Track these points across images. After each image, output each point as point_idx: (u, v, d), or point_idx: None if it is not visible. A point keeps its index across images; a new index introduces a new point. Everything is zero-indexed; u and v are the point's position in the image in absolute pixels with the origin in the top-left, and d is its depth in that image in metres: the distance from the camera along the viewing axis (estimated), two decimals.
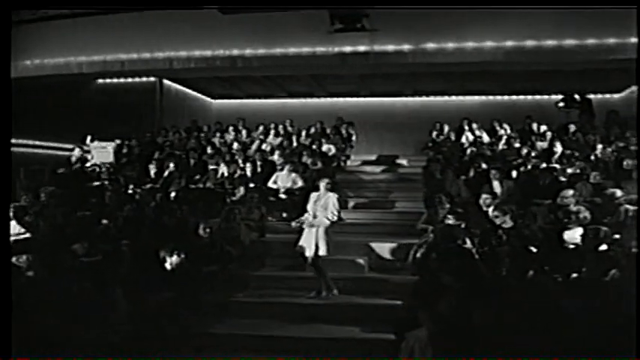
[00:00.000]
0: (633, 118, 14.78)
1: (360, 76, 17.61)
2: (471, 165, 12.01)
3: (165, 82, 18.19)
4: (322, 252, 8.27)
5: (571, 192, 8.74)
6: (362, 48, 12.72)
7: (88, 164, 12.68)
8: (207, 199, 11.12)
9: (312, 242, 8.28)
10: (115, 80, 17.61)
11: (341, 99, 20.16)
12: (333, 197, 8.43)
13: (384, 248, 9.70)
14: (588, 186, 9.82)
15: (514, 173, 11.51)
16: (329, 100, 20.32)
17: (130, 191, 11.54)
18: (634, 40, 11.46)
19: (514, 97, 19.54)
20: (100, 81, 17.73)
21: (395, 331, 6.29)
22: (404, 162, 16.23)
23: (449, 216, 8.33)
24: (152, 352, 6.28)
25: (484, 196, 9.12)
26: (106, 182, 11.77)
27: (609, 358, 4.84)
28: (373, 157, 16.98)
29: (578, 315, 5.48)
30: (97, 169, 12.32)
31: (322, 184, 8.52)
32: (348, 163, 16.01)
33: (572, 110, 16.69)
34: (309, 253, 8.30)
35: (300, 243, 8.44)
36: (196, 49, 13.16)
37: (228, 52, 13.06)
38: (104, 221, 9.30)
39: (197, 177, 12.73)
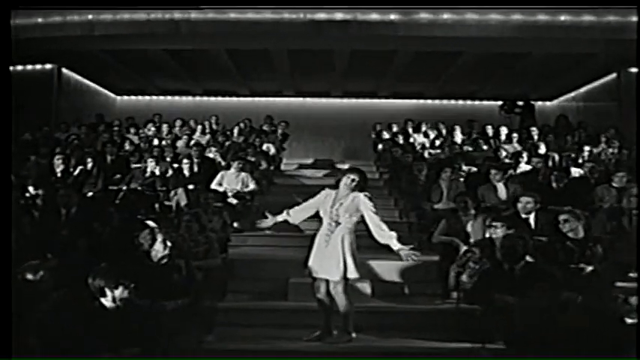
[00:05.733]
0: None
1: (289, 73, 15.06)
2: (451, 166, 9.75)
3: (65, 71, 14.60)
4: (353, 274, 5.34)
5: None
6: (340, 15, 9.68)
7: None
8: (139, 204, 8.07)
9: (337, 260, 5.28)
10: None
11: (263, 99, 17.44)
12: (364, 199, 5.36)
13: (386, 267, 7.03)
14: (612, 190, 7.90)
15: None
16: (249, 99, 17.55)
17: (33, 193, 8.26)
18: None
19: (445, 102, 17.70)
20: None
21: None
22: (344, 167, 13.90)
23: (495, 224, 5.88)
24: None
25: (524, 199, 6.72)
26: None
27: (609, 358, 4.22)
28: (309, 161, 14.61)
29: None
30: None
31: (345, 181, 5.43)
32: (282, 166, 13.55)
33: (513, 115, 15.65)
34: (334, 275, 5.29)
35: (312, 262, 5.42)
36: (125, 12, 9.71)
37: (169, 15, 9.73)
38: None
39: (118, 176, 9.58)
